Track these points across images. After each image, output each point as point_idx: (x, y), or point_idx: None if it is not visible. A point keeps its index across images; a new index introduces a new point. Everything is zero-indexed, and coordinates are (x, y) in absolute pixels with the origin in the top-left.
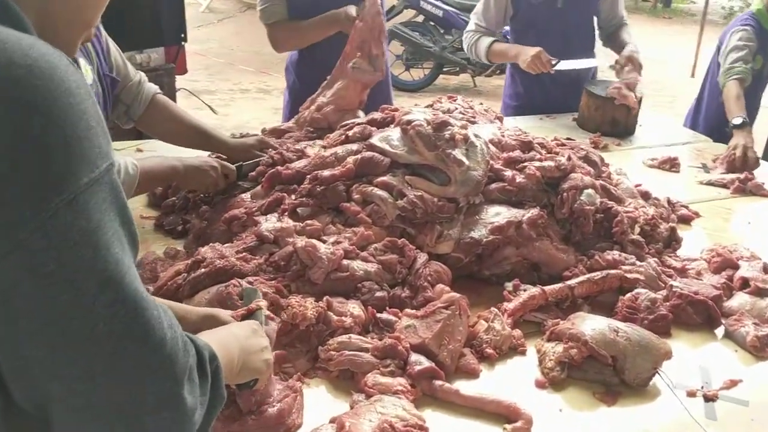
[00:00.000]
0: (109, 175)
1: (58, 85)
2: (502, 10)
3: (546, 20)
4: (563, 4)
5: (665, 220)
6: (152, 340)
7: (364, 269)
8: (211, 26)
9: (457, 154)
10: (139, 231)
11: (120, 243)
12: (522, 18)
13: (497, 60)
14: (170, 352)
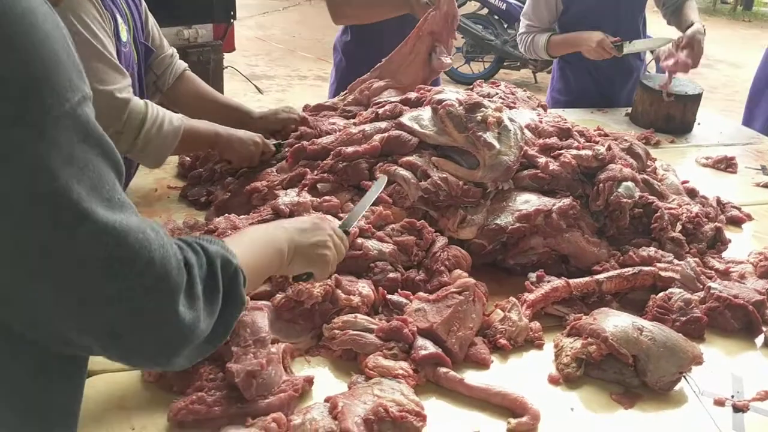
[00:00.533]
0: (81, 107)
1: (21, 19)
2: (552, 5)
3: (598, 12)
4: None
5: (711, 220)
6: (139, 262)
7: (379, 249)
8: (277, 13)
9: (488, 137)
10: (164, 201)
11: (96, 174)
12: (573, 12)
13: (558, 53)
14: (160, 272)
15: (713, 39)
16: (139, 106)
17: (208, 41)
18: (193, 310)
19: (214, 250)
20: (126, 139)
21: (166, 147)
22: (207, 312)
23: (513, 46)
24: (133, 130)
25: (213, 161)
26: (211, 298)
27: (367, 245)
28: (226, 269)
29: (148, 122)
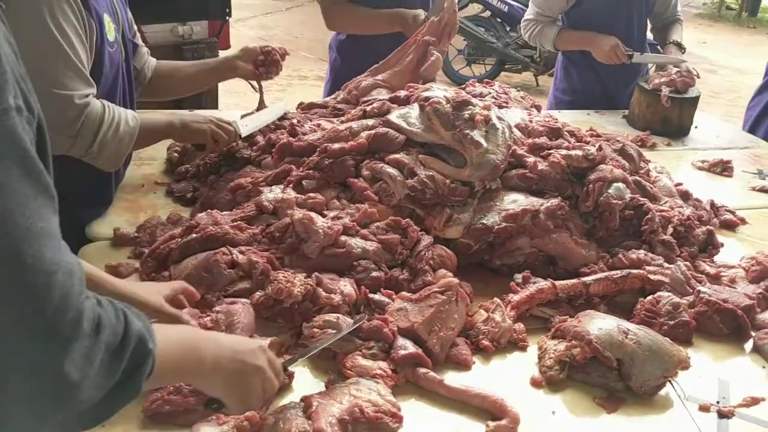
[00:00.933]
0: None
1: None
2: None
3: (610, 11)
4: None
5: (704, 223)
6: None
7: (363, 247)
8: (279, 14)
9: (475, 136)
10: (150, 196)
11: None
12: (585, 7)
13: (566, 47)
14: (51, 320)
15: (717, 45)
16: (95, 111)
17: (203, 38)
18: (80, 371)
19: (136, 327)
20: (81, 144)
21: (122, 149)
22: (97, 383)
23: (515, 49)
24: (89, 134)
25: (200, 157)
26: (108, 372)
27: (350, 243)
28: (138, 351)
29: (104, 126)
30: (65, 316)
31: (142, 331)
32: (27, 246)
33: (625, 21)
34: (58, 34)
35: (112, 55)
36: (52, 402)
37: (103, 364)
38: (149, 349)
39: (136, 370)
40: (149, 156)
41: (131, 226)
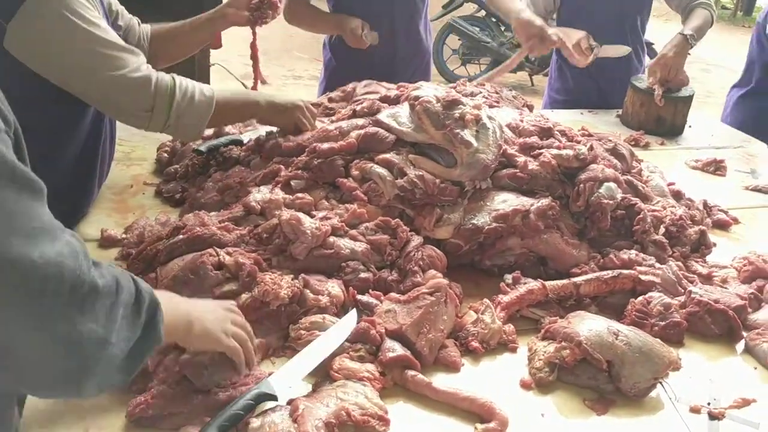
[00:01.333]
0: None
1: None
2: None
3: (598, 7)
4: None
5: (696, 223)
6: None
7: (351, 248)
8: None
9: (465, 135)
10: (139, 197)
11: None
12: (571, 5)
13: None
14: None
15: (712, 44)
16: (165, 81)
17: None
18: (104, 328)
19: (145, 287)
20: (157, 117)
21: (201, 119)
22: (123, 336)
23: (509, 49)
24: (164, 106)
25: (189, 158)
26: (131, 325)
27: (338, 244)
28: (152, 305)
29: (177, 96)
30: (82, 290)
31: (150, 290)
32: (32, 249)
33: (615, 18)
34: (85, 24)
35: None
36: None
37: (125, 318)
38: (158, 303)
39: (153, 322)
40: (139, 156)
41: (119, 227)
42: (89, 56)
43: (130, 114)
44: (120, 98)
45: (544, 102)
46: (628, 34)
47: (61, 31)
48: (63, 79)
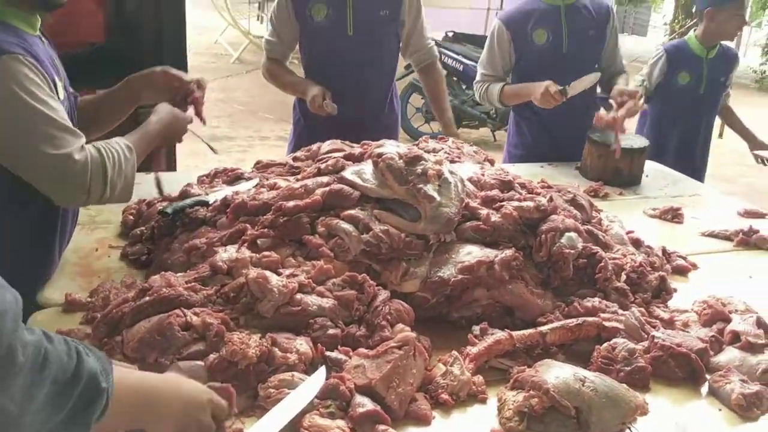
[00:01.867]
0: None
1: None
2: (506, 55)
3: (550, 65)
4: (567, 49)
5: (656, 269)
6: None
7: (318, 304)
8: (240, 76)
9: (428, 190)
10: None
11: None
12: (526, 63)
13: (511, 102)
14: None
15: None
16: (96, 159)
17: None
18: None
19: (89, 365)
20: (95, 195)
21: (130, 183)
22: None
23: (471, 106)
24: (99, 183)
25: (154, 220)
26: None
27: (306, 301)
28: (89, 389)
29: (109, 170)
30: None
31: (95, 370)
32: None
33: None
34: (33, 101)
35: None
36: None
37: (48, 398)
38: (102, 388)
39: (86, 409)
40: (104, 219)
41: (84, 291)
42: (34, 132)
43: (66, 192)
44: (57, 176)
45: (504, 157)
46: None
47: (8, 106)
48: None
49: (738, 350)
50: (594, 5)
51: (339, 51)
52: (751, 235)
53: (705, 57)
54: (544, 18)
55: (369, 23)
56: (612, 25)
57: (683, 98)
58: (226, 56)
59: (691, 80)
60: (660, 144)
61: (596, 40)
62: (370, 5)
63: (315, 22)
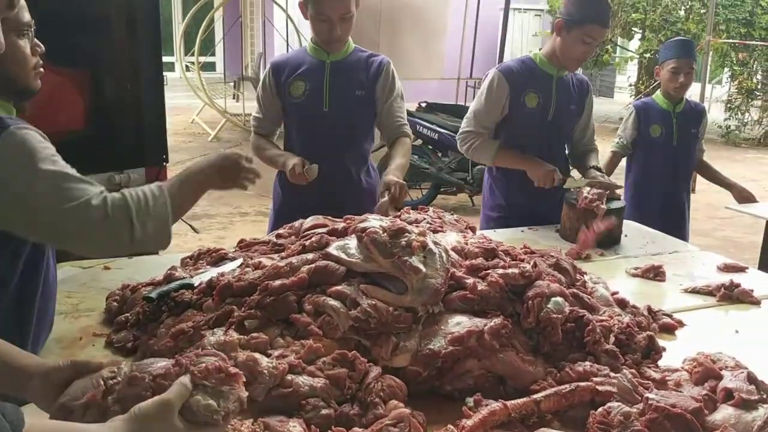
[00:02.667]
0: None
1: None
2: (501, 107)
3: (535, 128)
4: (552, 117)
5: (643, 329)
6: None
7: (310, 384)
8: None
9: (413, 262)
10: (89, 349)
11: None
12: (513, 121)
13: (503, 165)
14: None
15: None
16: (117, 201)
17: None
18: None
19: None
20: (123, 237)
21: (165, 223)
22: None
23: (448, 173)
24: (125, 223)
25: (139, 305)
26: None
27: (297, 381)
28: None
29: (133, 209)
30: None
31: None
32: None
33: (547, 139)
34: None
35: None
36: None
37: None
38: None
39: None
40: (87, 307)
41: None
42: (52, 195)
43: (93, 240)
44: (81, 228)
45: (481, 221)
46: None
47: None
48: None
49: (732, 407)
50: (576, 81)
51: (316, 125)
52: (733, 289)
53: (672, 111)
54: (538, 83)
55: (344, 100)
56: (589, 98)
57: (658, 151)
58: (204, 135)
59: (663, 133)
60: (645, 196)
61: (575, 114)
62: (346, 85)
63: (294, 98)
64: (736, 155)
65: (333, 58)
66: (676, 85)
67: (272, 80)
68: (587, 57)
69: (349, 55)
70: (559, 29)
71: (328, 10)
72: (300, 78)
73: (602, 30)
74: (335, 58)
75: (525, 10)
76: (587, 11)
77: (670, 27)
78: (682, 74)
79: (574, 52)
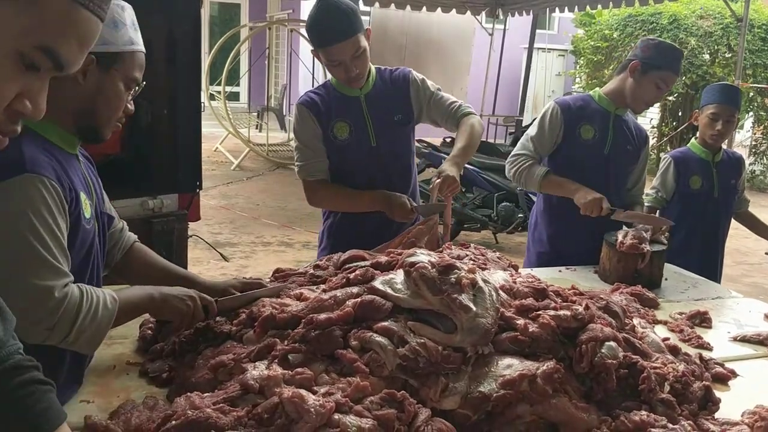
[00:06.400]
0: None
1: None
2: (554, 137)
3: (589, 160)
4: (609, 151)
5: (698, 378)
6: None
7: (358, 425)
8: (241, 183)
9: (463, 300)
10: (122, 378)
11: None
12: (566, 152)
13: (550, 191)
14: None
15: None
16: (74, 299)
17: (173, 211)
18: None
19: None
20: (58, 334)
21: (100, 334)
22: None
23: (472, 209)
24: (67, 324)
25: (176, 334)
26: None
27: (344, 422)
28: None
29: (81, 314)
30: None
31: None
32: None
33: (603, 175)
34: (43, 230)
35: (87, 231)
36: None
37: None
38: None
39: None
40: (120, 334)
41: (103, 412)
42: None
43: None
44: (29, 306)
45: (525, 260)
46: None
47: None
48: None
49: None
50: (635, 127)
51: (364, 161)
52: None
53: (711, 160)
54: (594, 117)
55: (388, 131)
56: (646, 150)
57: (699, 204)
58: (227, 163)
59: (703, 185)
60: (683, 248)
61: (632, 156)
62: (385, 114)
63: (339, 140)
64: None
65: (365, 91)
66: (713, 133)
67: (314, 122)
68: (655, 102)
69: (376, 81)
70: (633, 71)
71: (338, 56)
72: (341, 119)
73: (675, 77)
74: (367, 91)
75: (549, 49)
76: (666, 58)
77: (695, 70)
78: (720, 121)
79: (646, 95)
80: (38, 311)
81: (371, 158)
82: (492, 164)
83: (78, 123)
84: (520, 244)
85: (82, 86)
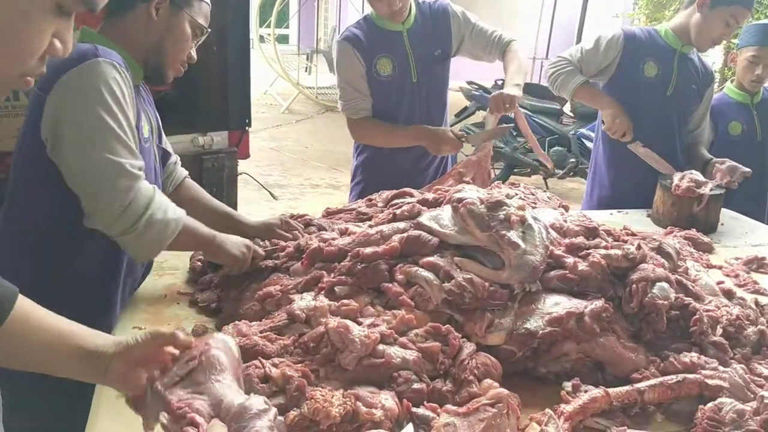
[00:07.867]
0: None
1: None
2: (605, 61)
3: (654, 101)
4: (672, 91)
5: (753, 323)
6: None
7: (402, 356)
8: (290, 126)
9: (512, 236)
10: (173, 307)
11: None
12: (630, 90)
13: (582, 100)
14: None
15: None
16: (148, 188)
17: (223, 148)
18: None
19: None
20: (127, 219)
21: (165, 236)
22: None
23: (522, 153)
24: (138, 209)
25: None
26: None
27: (389, 353)
28: None
29: (153, 204)
30: None
31: None
32: None
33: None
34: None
35: (145, 150)
36: None
37: None
38: None
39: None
40: (171, 266)
41: None
42: (98, 132)
43: (106, 200)
44: (104, 180)
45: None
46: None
47: (89, 104)
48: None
49: None
50: (702, 66)
51: (406, 98)
52: None
53: (751, 102)
54: (657, 54)
55: (429, 67)
56: (711, 90)
57: (741, 150)
58: (276, 106)
59: (744, 129)
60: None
61: (696, 96)
62: (426, 50)
63: (382, 76)
64: None
65: (407, 25)
66: (752, 78)
67: (357, 58)
68: (723, 40)
69: (416, 16)
70: (701, 5)
71: None
72: (385, 55)
73: (747, 13)
74: (409, 25)
75: None
76: None
77: (765, 10)
78: (761, 65)
79: (713, 31)
80: (112, 187)
81: (412, 94)
82: (544, 108)
83: (146, 59)
84: (571, 189)
85: (154, 23)
